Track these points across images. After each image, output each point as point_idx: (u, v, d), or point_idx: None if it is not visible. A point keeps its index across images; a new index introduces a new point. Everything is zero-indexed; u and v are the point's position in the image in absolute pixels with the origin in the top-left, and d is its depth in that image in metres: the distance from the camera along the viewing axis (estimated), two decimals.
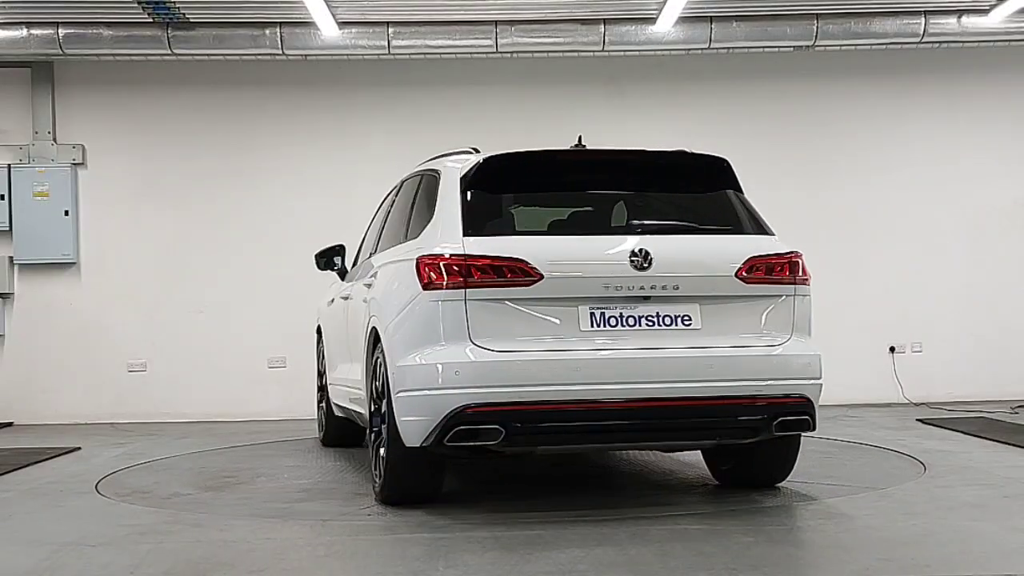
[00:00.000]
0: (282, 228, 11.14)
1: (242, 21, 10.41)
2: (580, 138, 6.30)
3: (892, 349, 11.22)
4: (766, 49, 10.83)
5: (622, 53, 10.94)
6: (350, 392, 7.16)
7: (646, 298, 5.51)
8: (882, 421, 9.60)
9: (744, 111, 11.35)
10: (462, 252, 5.43)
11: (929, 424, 9.20)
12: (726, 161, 6.11)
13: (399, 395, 5.54)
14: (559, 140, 7.79)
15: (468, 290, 5.37)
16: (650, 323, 5.50)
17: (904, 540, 5.01)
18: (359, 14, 10.29)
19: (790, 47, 10.79)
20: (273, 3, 10.03)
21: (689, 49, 10.76)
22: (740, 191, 6.11)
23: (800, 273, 5.81)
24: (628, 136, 7.93)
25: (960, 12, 10.47)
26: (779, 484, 6.31)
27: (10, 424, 11.04)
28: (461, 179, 5.81)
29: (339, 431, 8.42)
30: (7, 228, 11.11)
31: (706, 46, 10.59)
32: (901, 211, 11.39)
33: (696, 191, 6.12)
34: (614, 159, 6.22)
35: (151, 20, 10.31)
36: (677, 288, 5.52)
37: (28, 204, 11.09)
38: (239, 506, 6.22)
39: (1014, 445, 7.83)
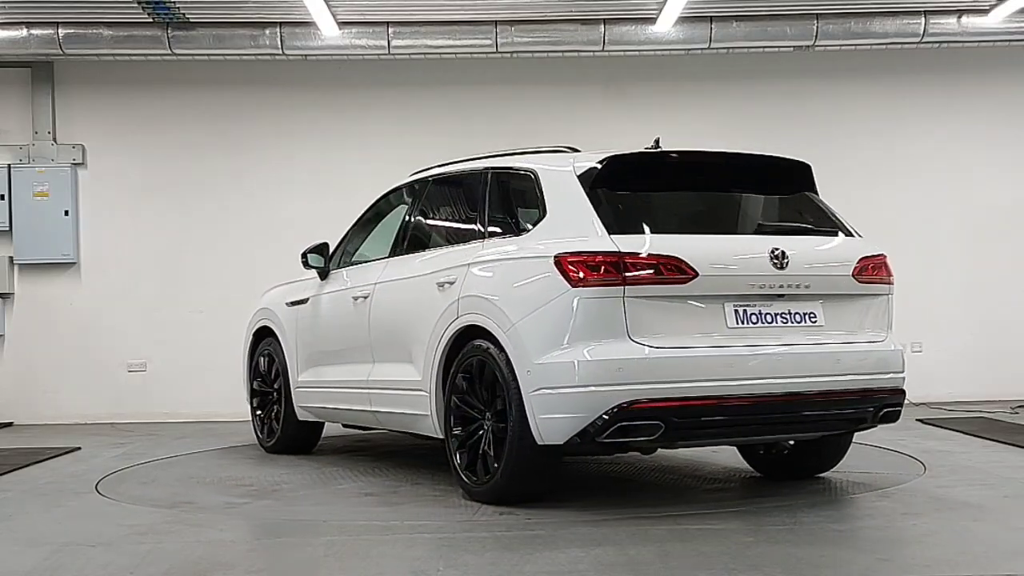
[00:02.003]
0: (282, 227, 11.12)
1: (242, 21, 10.41)
2: (658, 140, 6.26)
3: None
4: (766, 49, 10.83)
5: (622, 53, 10.93)
6: (377, 394, 6.95)
7: (780, 296, 5.73)
8: None
9: (744, 111, 11.34)
10: (616, 249, 5.46)
11: (929, 424, 9.20)
12: (809, 165, 6.35)
13: (538, 392, 5.49)
14: (560, 140, 7.79)
15: (627, 287, 5.40)
16: (783, 320, 5.74)
17: (904, 540, 5.02)
18: (359, 14, 10.29)
19: (790, 47, 10.79)
20: (273, 3, 10.03)
21: (689, 49, 10.76)
22: (818, 194, 6.39)
23: (891, 273, 6.22)
24: (628, 136, 7.87)
25: (960, 12, 10.47)
26: (784, 481, 6.51)
27: (10, 424, 11.04)
28: (580, 178, 5.82)
29: (297, 437, 8.19)
30: (7, 228, 11.11)
31: (706, 46, 10.59)
32: (901, 211, 11.38)
33: (792, 192, 6.33)
34: (722, 161, 6.29)
35: (151, 20, 10.31)
36: (808, 287, 5.79)
37: (28, 204, 11.09)
38: (240, 506, 6.23)
39: (1014, 445, 7.83)
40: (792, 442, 6.54)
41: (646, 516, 5.56)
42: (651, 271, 5.44)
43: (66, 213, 11.14)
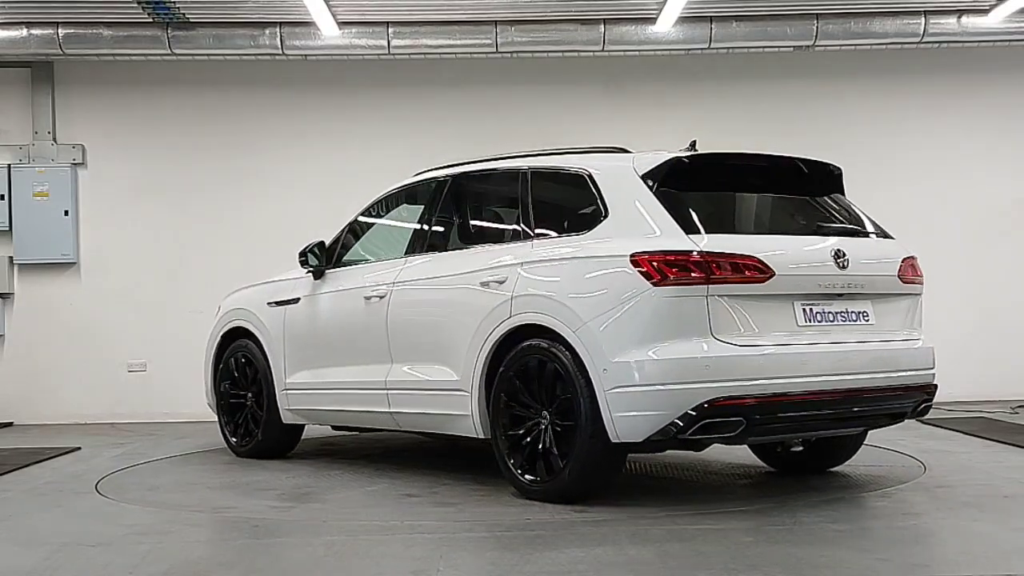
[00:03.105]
0: (282, 228, 11.10)
1: (242, 21, 10.41)
2: (694, 143, 6.29)
3: None
4: (766, 49, 10.83)
5: (622, 53, 10.93)
6: (398, 395, 6.84)
7: (839, 295, 5.90)
8: None
9: (744, 111, 11.34)
10: (697, 248, 5.52)
11: (929, 424, 9.19)
12: (840, 168, 6.57)
13: (616, 390, 5.51)
14: (558, 140, 7.79)
15: (710, 285, 5.48)
16: (843, 319, 5.93)
17: (904, 540, 5.02)
18: (359, 14, 10.29)
19: (790, 47, 10.79)
20: (273, 3, 10.04)
21: (689, 49, 10.76)
22: (845, 195, 6.60)
23: (922, 273, 6.40)
24: (628, 136, 7.91)
25: (960, 12, 10.47)
26: (784, 480, 6.57)
27: (10, 424, 11.05)
28: (643, 178, 5.86)
29: (280, 440, 8.03)
30: (7, 228, 11.12)
31: (706, 46, 10.59)
32: (901, 211, 11.32)
33: (825, 193, 6.47)
34: (772, 163, 6.37)
35: (151, 20, 10.32)
36: (863, 287, 5.98)
37: (28, 204, 11.10)
38: (240, 506, 6.22)
39: (1014, 445, 7.83)
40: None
41: (646, 516, 5.56)
42: (734, 270, 5.54)
43: (66, 213, 11.14)
